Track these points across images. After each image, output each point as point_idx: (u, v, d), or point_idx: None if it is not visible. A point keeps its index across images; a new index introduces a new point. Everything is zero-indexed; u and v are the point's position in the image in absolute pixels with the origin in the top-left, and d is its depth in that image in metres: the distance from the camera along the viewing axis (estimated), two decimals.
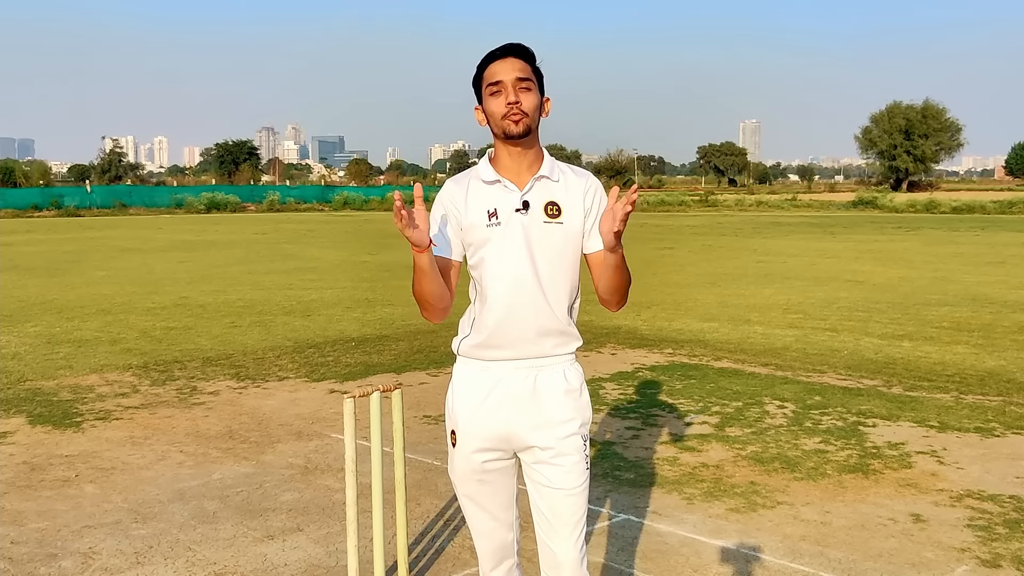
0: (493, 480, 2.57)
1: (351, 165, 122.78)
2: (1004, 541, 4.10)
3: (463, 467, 2.57)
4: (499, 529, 2.61)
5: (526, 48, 2.48)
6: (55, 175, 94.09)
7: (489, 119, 2.49)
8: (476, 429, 2.53)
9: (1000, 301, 12.08)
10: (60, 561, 3.98)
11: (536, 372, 2.51)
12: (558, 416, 2.51)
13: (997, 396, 6.87)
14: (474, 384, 2.54)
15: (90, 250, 22.39)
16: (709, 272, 16.35)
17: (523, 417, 2.51)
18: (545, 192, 2.50)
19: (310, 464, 5.34)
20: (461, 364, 2.60)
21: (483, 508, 2.59)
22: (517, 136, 2.44)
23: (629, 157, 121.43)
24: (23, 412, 6.54)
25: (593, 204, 2.54)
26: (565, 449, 2.50)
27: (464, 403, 2.55)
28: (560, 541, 2.53)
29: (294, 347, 9.04)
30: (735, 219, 39.31)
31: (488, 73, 2.47)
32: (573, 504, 2.51)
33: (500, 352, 2.50)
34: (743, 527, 4.30)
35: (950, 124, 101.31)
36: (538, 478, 2.54)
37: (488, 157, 2.57)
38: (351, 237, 27.70)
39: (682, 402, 6.73)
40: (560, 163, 2.60)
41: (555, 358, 2.53)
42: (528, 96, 2.45)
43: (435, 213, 2.54)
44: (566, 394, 2.53)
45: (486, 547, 2.63)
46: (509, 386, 2.51)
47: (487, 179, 2.51)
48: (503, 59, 2.46)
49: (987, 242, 23.58)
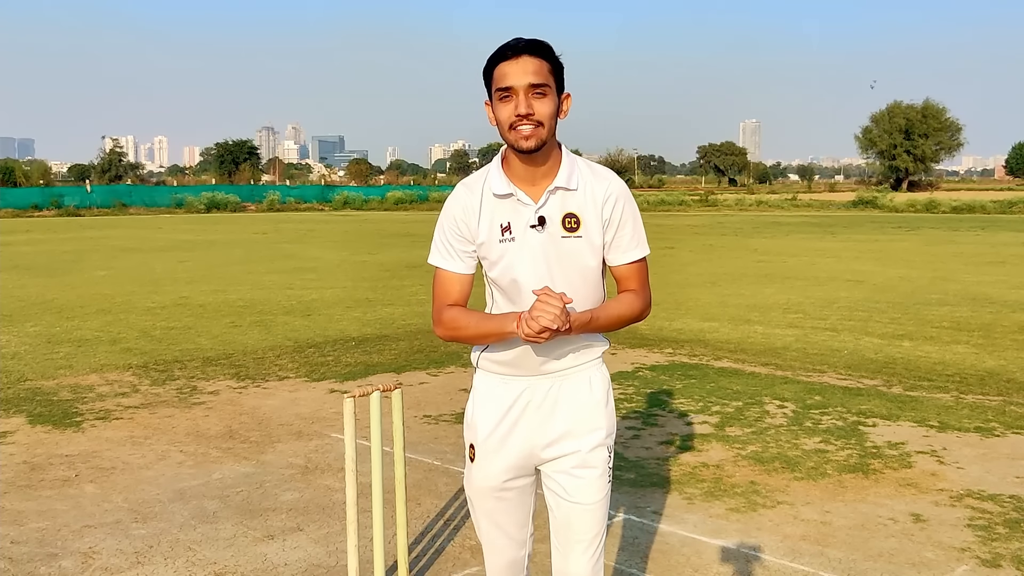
0: (511, 498, 2.46)
1: (351, 165, 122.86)
2: (1004, 541, 4.10)
3: (481, 484, 2.45)
4: (511, 547, 2.51)
5: (542, 44, 2.22)
6: (55, 175, 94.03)
7: (498, 125, 2.27)
8: (495, 446, 2.41)
9: (1000, 301, 12.08)
10: (60, 561, 3.98)
11: (560, 383, 2.39)
12: (582, 428, 2.39)
13: (997, 396, 6.86)
14: (494, 398, 2.42)
15: (90, 250, 22.39)
16: (709, 272, 16.35)
17: (546, 430, 2.39)
18: (562, 204, 2.29)
19: (310, 464, 5.34)
20: (481, 377, 2.47)
21: (498, 526, 2.48)
22: (527, 152, 2.24)
23: (629, 157, 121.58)
24: (23, 412, 6.54)
25: (614, 214, 2.33)
26: (590, 461, 2.39)
27: (484, 417, 2.43)
28: (574, 556, 2.41)
29: (294, 347, 9.04)
30: (735, 219, 39.30)
31: (498, 74, 2.22)
32: (591, 519, 2.39)
33: (519, 369, 2.38)
34: (743, 527, 4.30)
35: (950, 124, 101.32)
36: (556, 489, 2.42)
37: (501, 158, 2.36)
38: (351, 237, 27.69)
39: (682, 402, 6.73)
40: (580, 163, 2.36)
41: (580, 365, 2.41)
42: (543, 104, 2.21)
43: (446, 222, 2.37)
44: (591, 404, 2.41)
45: (497, 563, 2.53)
46: (530, 400, 2.38)
47: (499, 192, 2.30)
48: (515, 59, 2.19)
49: (987, 242, 23.57)
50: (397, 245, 23.62)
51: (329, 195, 59.00)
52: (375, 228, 32.83)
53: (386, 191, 62.37)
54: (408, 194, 60.15)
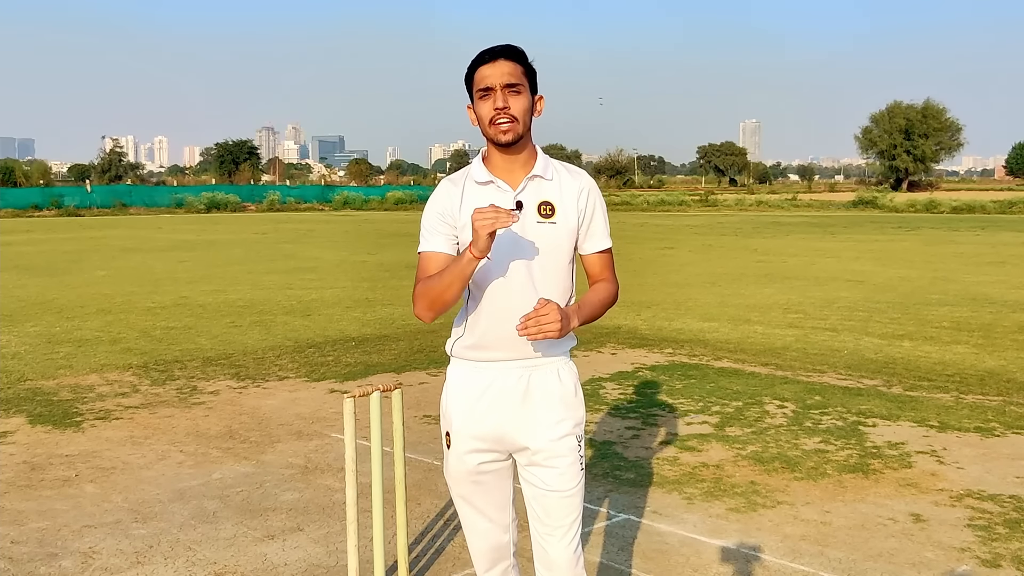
0: (488, 481, 2.57)
1: (351, 165, 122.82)
2: (1004, 541, 4.10)
3: (457, 468, 2.57)
4: (493, 530, 2.61)
5: (515, 49, 2.47)
6: (55, 175, 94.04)
7: (479, 122, 2.49)
8: (470, 430, 2.53)
9: (1000, 301, 12.08)
10: (60, 561, 3.98)
11: (529, 372, 2.51)
12: (551, 417, 2.51)
13: (997, 396, 6.87)
14: (467, 385, 2.54)
15: (90, 250, 22.39)
16: (709, 272, 16.35)
17: (516, 418, 2.50)
18: (538, 191, 2.50)
19: (310, 464, 5.34)
20: (454, 365, 2.60)
21: (477, 509, 2.59)
22: (506, 145, 2.45)
23: (629, 157, 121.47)
24: (23, 412, 6.54)
25: (587, 205, 2.54)
26: (559, 451, 2.50)
27: (458, 404, 2.55)
28: (554, 543, 2.52)
29: (294, 347, 9.04)
30: (735, 219, 39.31)
31: (478, 77, 2.46)
32: (568, 506, 2.51)
33: (492, 353, 2.50)
34: (743, 527, 4.30)
35: (950, 124, 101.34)
36: (532, 480, 2.54)
37: (481, 156, 2.57)
38: (351, 237, 27.70)
39: (682, 402, 6.73)
40: (555, 161, 2.59)
41: (549, 358, 2.53)
42: (517, 100, 2.44)
43: (430, 211, 2.55)
44: (560, 395, 2.53)
45: (480, 547, 2.63)
46: (502, 387, 2.50)
47: (480, 180, 2.51)
48: (492, 63, 2.44)
49: (987, 242, 23.58)
50: (397, 245, 23.62)
51: (329, 195, 59.01)
52: (375, 228, 32.84)
53: (386, 191, 62.38)
54: (408, 194, 60.14)
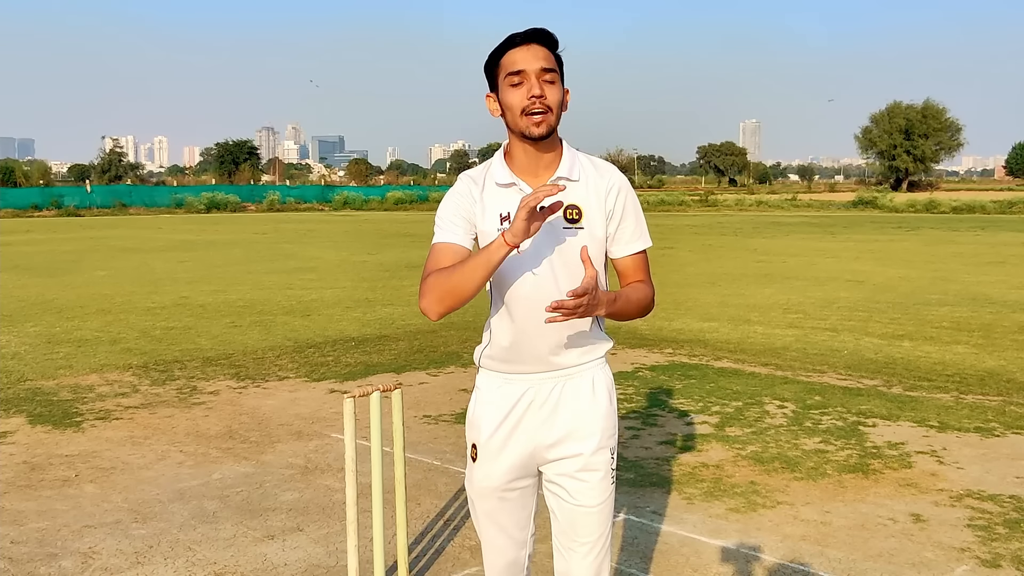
0: (513, 499, 2.42)
1: (351, 165, 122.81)
2: (1004, 541, 4.10)
3: (483, 484, 2.41)
4: (512, 548, 2.47)
5: (550, 34, 2.24)
6: (55, 175, 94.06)
7: (506, 112, 2.26)
8: (498, 446, 2.37)
9: (1000, 301, 12.08)
10: (60, 561, 3.98)
11: (563, 383, 2.35)
12: (585, 430, 2.35)
13: (997, 396, 6.87)
14: (496, 397, 2.38)
15: (90, 250, 22.39)
16: (709, 272, 16.35)
17: (548, 432, 2.35)
18: (564, 195, 2.26)
19: (310, 464, 5.34)
20: (483, 376, 2.44)
21: (499, 526, 2.44)
22: (536, 139, 2.24)
23: (629, 157, 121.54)
24: (23, 412, 6.54)
25: (616, 205, 2.33)
26: (592, 464, 2.35)
27: (487, 418, 2.39)
28: (577, 560, 2.38)
29: (294, 347, 9.04)
30: (735, 219, 39.30)
31: (508, 60, 2.22)
32: (594, 522, 2.36)
33: (521, 367, 2.35)
34: (743, 527, 4.30)
35: (950, 124, 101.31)
36: (559, 492, 2.38)
37: (503, 151, 2.35)
38: (351, 237, 27.69)
39: (682, 402, 6.73)
40: (581, 156, 2.36)
41: (582, 366, 2.37)
42: (552, 90, 2.22)
43: (448, 204, 2.35)
44: (594, 406, 2.37)
45: (496, 563, 2.49)
46: (533, 399, 2.35)
47: (501, 182, 2.30)
48: (526, 45, 2.21)
49: (987, 242, 23.57)
50: (397, 245, 23.62)
51: (329, 195, 59.04)
52: (375, 228, 32.84)
53: (386, 191, 62.41)
54: (408, 194, 60.19)
